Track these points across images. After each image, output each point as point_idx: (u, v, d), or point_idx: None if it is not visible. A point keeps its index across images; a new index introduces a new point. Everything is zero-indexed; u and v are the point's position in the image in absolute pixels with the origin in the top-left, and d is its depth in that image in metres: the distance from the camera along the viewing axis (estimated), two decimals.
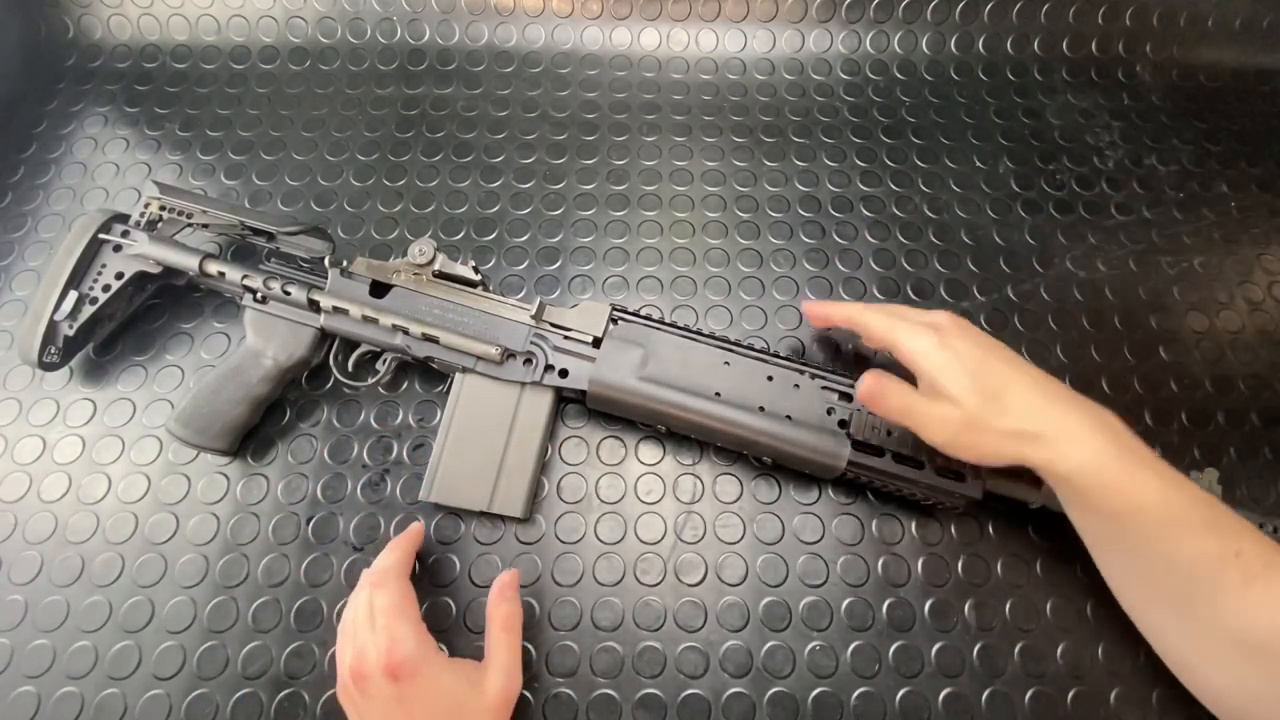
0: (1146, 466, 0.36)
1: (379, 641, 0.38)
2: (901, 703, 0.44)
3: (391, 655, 0.37)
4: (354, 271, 0.49)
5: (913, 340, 0.41)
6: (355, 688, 0.38)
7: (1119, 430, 0.38)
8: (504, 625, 0.42)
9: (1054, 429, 0.37)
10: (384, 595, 0.40)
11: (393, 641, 0.38)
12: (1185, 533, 0.35)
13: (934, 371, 0.40)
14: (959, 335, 0.41)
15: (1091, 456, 0.36)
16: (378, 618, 0.39)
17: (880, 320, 0.43)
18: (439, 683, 0.38)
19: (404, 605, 0.40)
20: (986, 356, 0.40)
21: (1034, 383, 0.39)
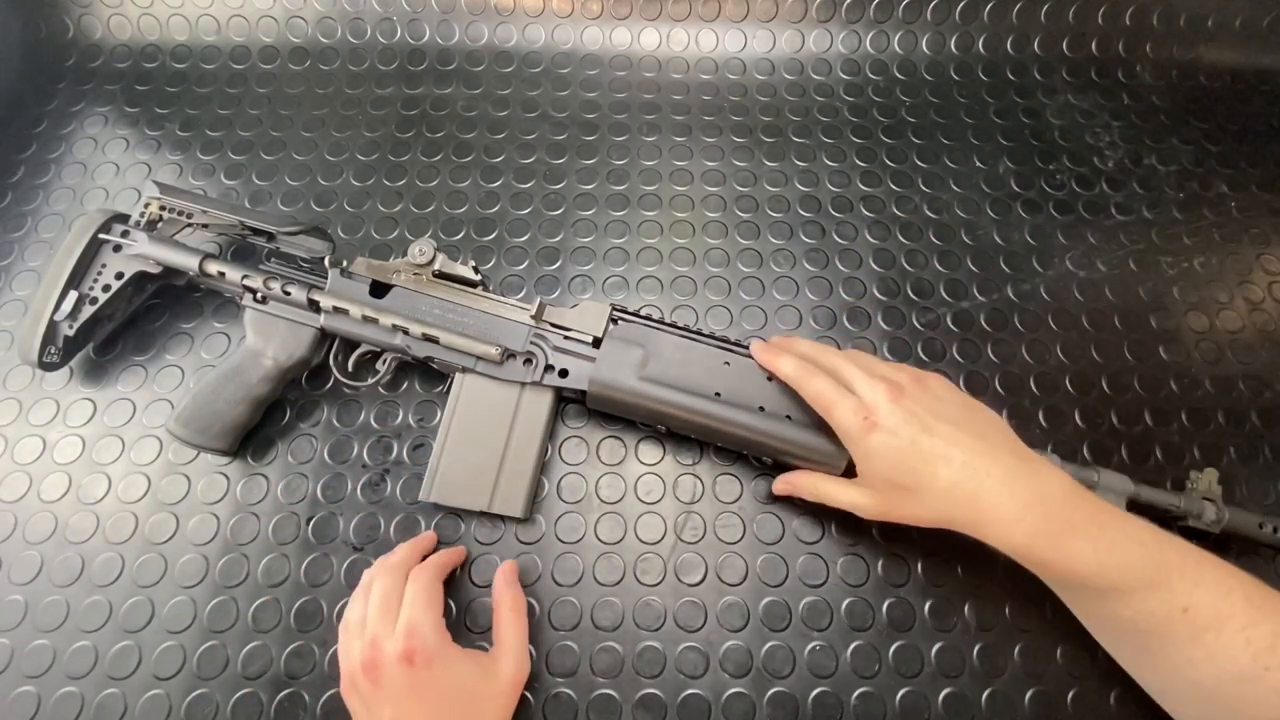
0: (1079, 535, 0.36)
1: (398, 629, 0.39)
2: (901, 703, 0.44)
3: (410, 642, 0.38)
4: (354, 271, 0.49)
5: (844, 418, 0.40)
6: (366, 678, 0.38)
7: (1053, 500, 0.37)
8: (512, 608, 0.43)
9: (976, 517, 0.37)
10: (418, 584, 0.41)
11: (412, 628, 0.39)
12: (1126, 597, 0.35)
13: (855, 457, 0.41)
14: (894, 412, 0.39)
15: (1021, 539, 0.37)
16: (405, 604, 0.40)
17: (817, 387, 0.42)
18: (453, 670, 0.39)
19: (431, 597, 0.41)
20: (918, 437, 0.38)
21: (964, 461, 0.37)
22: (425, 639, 0.39)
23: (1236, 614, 0.34)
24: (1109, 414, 0.52)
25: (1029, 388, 0.53)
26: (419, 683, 0.38)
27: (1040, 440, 0.51)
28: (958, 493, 0.37)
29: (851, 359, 0.44)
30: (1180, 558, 0.35)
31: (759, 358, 0.46)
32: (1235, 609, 0.34)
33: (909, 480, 0.38)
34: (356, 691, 0.39)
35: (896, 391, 0.40)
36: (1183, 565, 0.35)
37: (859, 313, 0.56)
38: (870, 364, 0.43)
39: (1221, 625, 0.34)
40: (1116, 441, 0.52)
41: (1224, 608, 0.34)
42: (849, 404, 0.41)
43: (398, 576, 0.42)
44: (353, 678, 0.39)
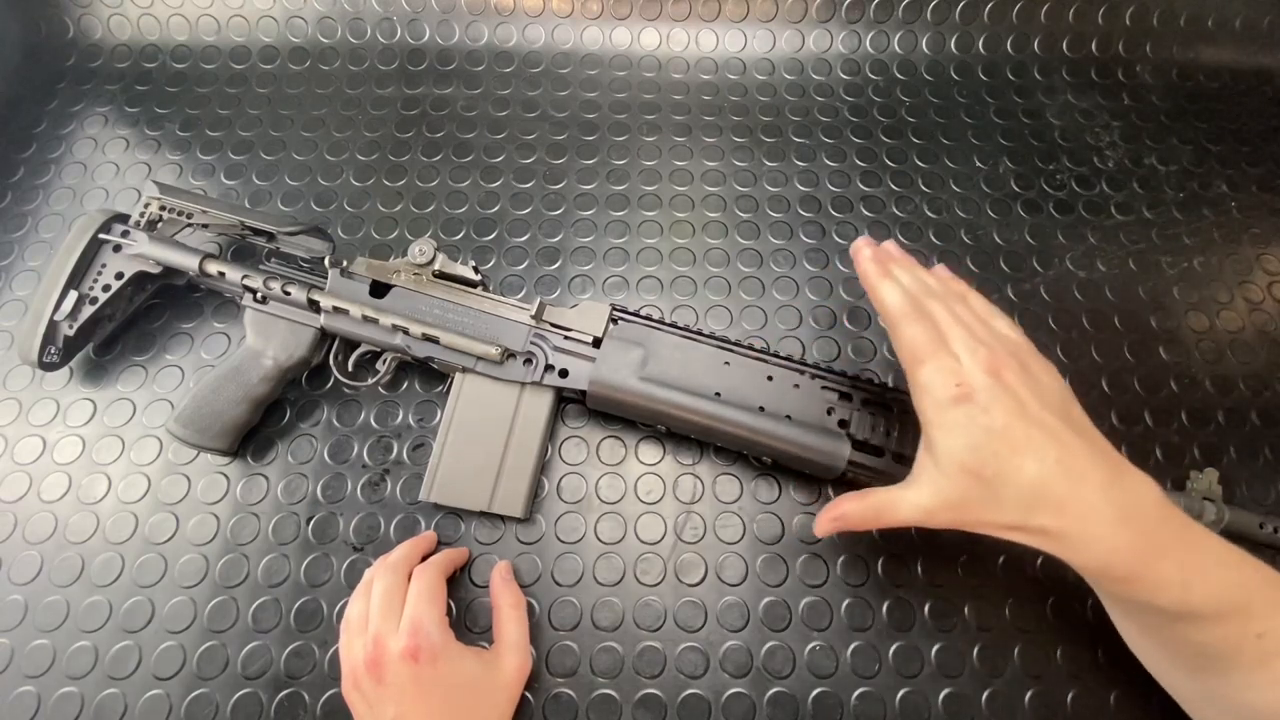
0: (1170, 555, 0.32)
1: (402, 626, 0.39)
2: (901, 703, 0.44)
3: (415, 639, 0.38)
4: (354, 271, 0.49)
5: (929, 378, 0.35)
6: (370, 676, 0.38)
7: (1146, 515, 0.33)
8: (512, 604, 0.43)
9: (1060, 525, 0.32)
10: (421, 581, 0.41)
11: (417, 625, 0.39)
12: (1202, 623, 0.33)
13: (929, 428, 0.35)
14: (990, 386, 0.34)
15: (1105, 554, 0.32)
16: (409, 602, 0.40)
17: (911, 334, 0.36)
18: (457, 666, 0.39)
19: (435, 595, 0.41)
20: (1013, 422, 0.33)
21: (1059, 459, 0.32)
22: (430, 636, 0.39)
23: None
24: (1109, 414, 0.52)
25: None
26: (423, 680, 0.38)
27: None
28: (1044, 493, 0.32)
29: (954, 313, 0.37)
30: (1261, 580, 0.33)
31: (863, 269, 0.40)
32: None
33: (989, 469, 0.33)
34: (359, 689, 0.39)
35: (998, 363, 0.34)
36: (1262, 589, 0.33)
37: (859, 313, 0.56)
38: (974, 325, 0.37)
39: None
40: (1116, 441, 0.50)
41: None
42: (944, 363, 0.35)
43: (399, 574, 0.42)
44: (355, 676, 0.39)
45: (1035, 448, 0.32)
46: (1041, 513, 0.32)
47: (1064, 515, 0.32)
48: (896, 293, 0.38)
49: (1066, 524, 0.32)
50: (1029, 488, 0.32)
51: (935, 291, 0.39)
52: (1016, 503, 0.33)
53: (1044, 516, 0.32)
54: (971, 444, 0.33)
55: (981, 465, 0.33)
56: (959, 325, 0.36)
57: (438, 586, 0.42)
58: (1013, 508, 0.33)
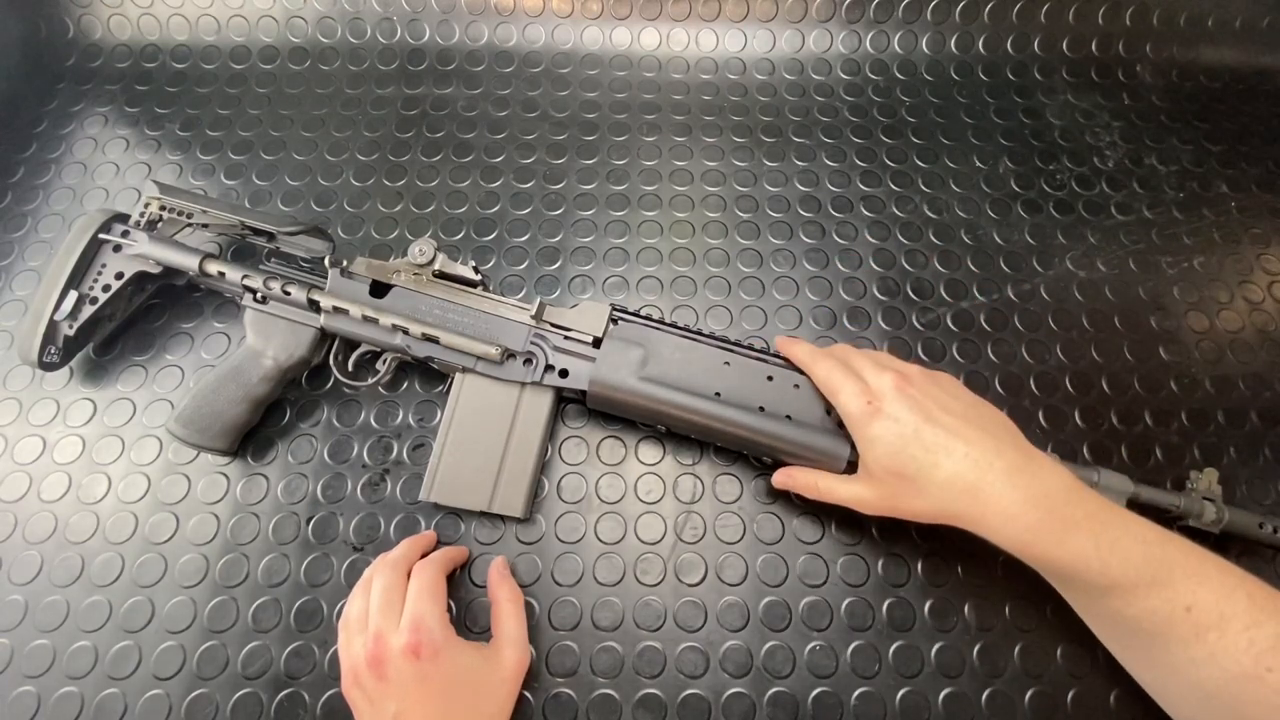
0: (1081, 531, 0.36)
1: (403, 623, 0.39)
2: (901, 703, 0.44)
3: (416, 635, 0.38)
4: (354, 271, 0.49)
5: (848, 401, 0.41)
6: (371, 673, 0.38)
7: (1055, 495, 0.37)
8: (510, 599, 0.44)
9: (976, 510, 0.37)
10: (422, 578, 0.41)
11: (418, 621, 0.39)
12: (1128, 595, 0.35)
13: (858, 442, 0.41)
14: (899, 399, 0.40)
15: (1022, 534, 0.36)
16: (409, 598, 0.40)
17: (826, 370, 0.43)
18: (458, 662, 0.39)
19: (436, 591, 0.41)
20: (921, 427, 0.38)
21: (966, 453, 0.37)
22: (431, 632, 0.39)
23: (1239, 614, 0.33)
24: (1109, 414, 0.52)
25: (1029, 388, 0.53)
26: (425, 675, 0.38)
27: (1040, 440, 0.51)
28: (959, 484, 0.37)
29: (863, 352, 0.44)
30: (1183, 556, 0.35)
31: (780, 344, 0.47)
32: (1238, 609, 0.34)
33: (910, 469, 0.38)
34: (360, 686, 0.39)
35: (903, 380, 0.40)
36: (1185, 564, 0.35)
37: (859, 313, 0.56)
38: (880, 358, 0.44)
39: (1224, 625, 0.33)
40: (1116, 441, 0.52)
41: (1227, 608, 0.34)
42: (854, 387, 0.41)
43: (399, 572, 0.42)
44: (356, 673, 0.39)
45: (944, 446, 0.38)
46: (959, 500, 0.38)
47: (978, 501, 0.37)
48: (805, 348, 0.46)
49: (982, 508, 0.37)
50: (944, 481, 0.38)
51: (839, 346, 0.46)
52: (936, 494, 0.38)
53: (961, 504, 0.38)
54: (890, 451, 0.39)
55: (902, 467, 0.39)
56: (863, 358, 0.43)
57: (438, 583, 0.42)
58: (934, 498, 0.38)
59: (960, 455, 0.37)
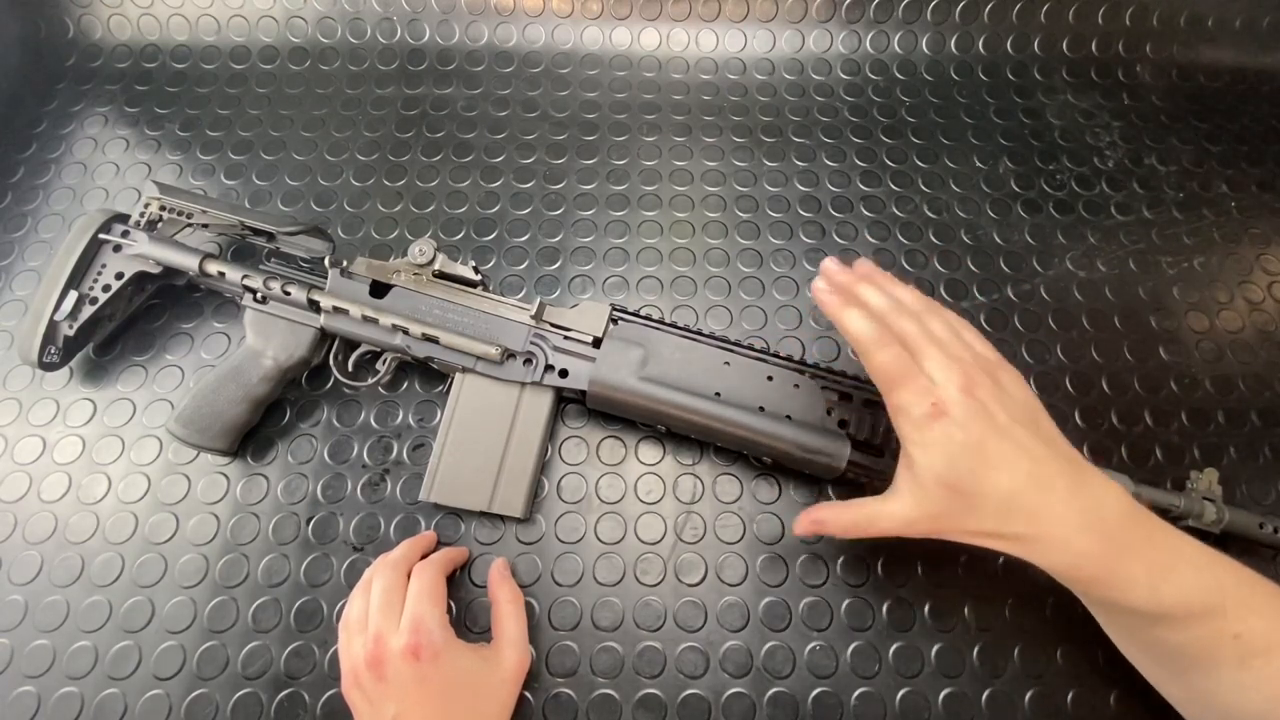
0: (1135, 558, 0.34)
1: (404, 624, 0.39)
2: (901, 703, 0.44)
3: (416, 636, 0.38)
4: (354, 271, 0.49)
5: (907, 399, 0.36)
6: (371, 673, 0.38)
7: (1112, 520, 0.34)
8: (510, 599, 0.44)
9: (1032, 531, 0.34)
10: (422, 579, 0.41)
11: (418, 622, 0.39)
12: (1176, 624, 0.34)
13: (908, 446, 0.36)
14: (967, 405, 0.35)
15: (1073, 559, 0.34)
16: (409, 599, 0.40)
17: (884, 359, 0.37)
18: (458, 664, 0.39)
19: (435, 592, 0.41)
20: (987, 438, 0.34)
21: (1030, 471, 0.34)
22: (431, 634, 0.39)
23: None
24: (1109, 414, 0.52)
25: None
26: (424, 677, 0.38)
27: None
28: (1017, 504, 0.34)
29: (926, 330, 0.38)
30: (1234, 581, 0.34)
31: (824, 302, 0.39)
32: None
33: (966, 483, 0.34)
34: (359, 688, 0.39)
35: (971, 380, 0.36)
36: (1237, 590, 0.34)
37: None
38: (945, 337, 0.38)
39: (1271, 652, 0.32)
40: (1116, 441, 0.52)
41: (1274, 635, 0.33)
42: (918, 385, 0.36)
43: (399, 573, 0.42)
44: (356, 674, 0.39)
45: (1008, 462, 0.34)
46: (1014, 521, 0.34)
47: (1034, 523, 0.34)
48: (862, 320, 0.38)
49: (1037, 531, 0.34)
50: (1003, 499, 0.34)
51: (906, 307, 0.39)
52: (992, 512, 0.35)
53: (1017, 525, 0.34)
54: (949, 460, 0.35)
55: (959, 480, 0.35)
56: (931, 344, 0.37)
57: (438, 584, 0.42)
58: (988, 517, 0.35)
59: (1024, 473, 0.34)
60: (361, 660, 0.39)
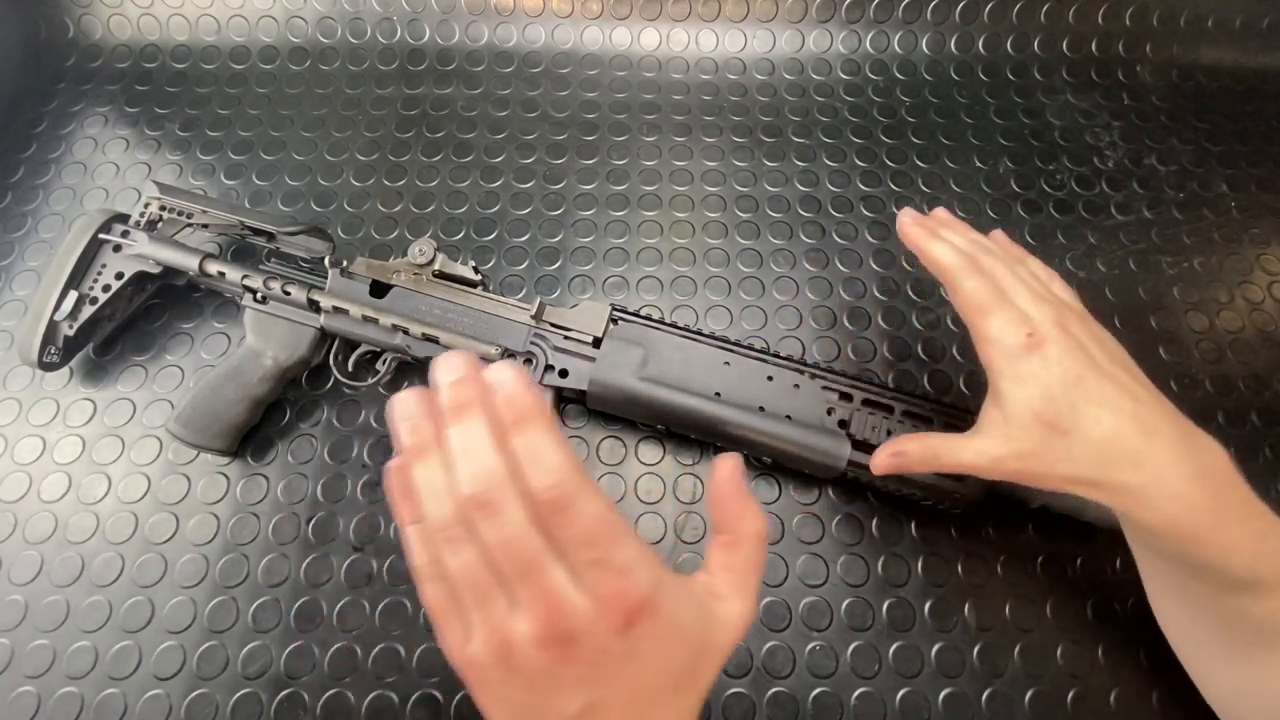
0: (1241, 519, 0.32)
1: (585, 560, 0.23)
2: (901, 703, 0.44)
3: (630, 594, 0.23)
4: (354, 271, 0.49)
5: (1002, 330, 0.34)
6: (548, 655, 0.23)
7: (1219, 475, 0.32)
8: (753, 533, 0.30)
9: (1137, 480, 0.31)
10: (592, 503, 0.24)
11: (624, 574, 0.24)
12: (1264, 593, 0.32)
13: (1001, 380, 0.34)
14: (1063, 337, 0.33)
15: (1180, 513, 0.31)
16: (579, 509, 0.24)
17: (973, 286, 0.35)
18: (679, 619, 0.25)
19: (614, 511, 0.25)
20: (1086, 373, 0.32)
21: (1134, 411, 0.32)
22: (635, 572, 0.24)
23: None
24: None
25: None
26: (636, 651, 0.24)
27: None
28: (1119, 445, 0.32)
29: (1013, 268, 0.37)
30: None
31: (908, 234, 0.39)
32: None
33: (1065, 419, 0.32)
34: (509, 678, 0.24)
35: (1064, 318, 0.34)
36: None
37: (859, 313, 0.56)
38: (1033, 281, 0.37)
39: None
40: None
41: None
42: (1011, 314, 0.34)
43: (586, 486, 0.24)
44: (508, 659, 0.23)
45: (1110, 400, 0.32)
46: (1118, 468, 0.32)
47: (1140, 470, 0.31)
48: (949, 250, 0.37)
49: (1143, 479, 0.31)
50: (1104, 441, 0.32)
51: (993, 250, 0.38)
52: (1092, 455, 0.32)
53: (1122, 472, 0.32)
54: (1046, 394, 0.32)
55: (1058, 416, 0.32)
56: (1020, 282, 0.36)
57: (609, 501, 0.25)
58: (1087, 461, 0.32)
59: (1128, 413, 0.32)
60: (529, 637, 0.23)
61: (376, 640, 0.45)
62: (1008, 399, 0.34)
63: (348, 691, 0.43)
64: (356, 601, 0.46)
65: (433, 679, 0.44)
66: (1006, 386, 0.34)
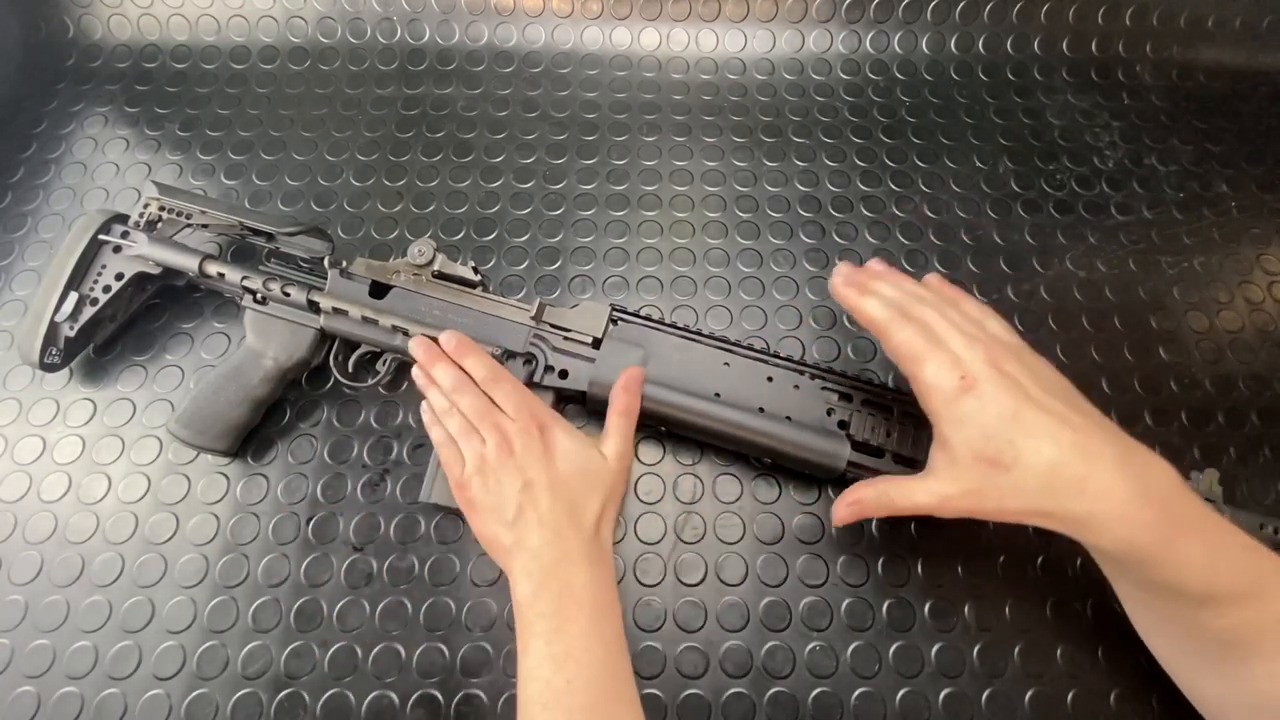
0: (1192, 535, 0.32)
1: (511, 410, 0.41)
2: (901, 703, 0.44)
3: (532, 410, 0.41)
4: (354, 272, 0.49)
5: (935, 375, 0.35)
6: (499, 454, 0.40)
7: (1166, 493, 0.33)
8: (622, 411, 0.44)
9: (1083, 507, 0.32)
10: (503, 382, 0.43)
11: (528, 403, 0.42)
12: (1223, 606, 0.32)
13: (941, 424, 0.36)
14: (995, 376, 0.34)
15: (1129, 534, 0.32)
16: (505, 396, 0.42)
17: (905, 336, 0.37)
18: (572, 435, 0.42)
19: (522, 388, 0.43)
20: (1022, 408, 0.33)
21: (1073, 440, 0.33)
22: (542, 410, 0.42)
23: None
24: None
25: None
26: (548, 446, 0.40)
27: None
28: (1063, 474, 0.32)
29: (946, 314, 0.38)
30: (1274, 564, 0.33)
31: (840, 294, 0.40)
32: None
33: (1006, 455, 0.33)
34: (483, 481, 0.40)
35: (997, 355, 0.35)
36: (1276, 573, 0.32)
37: None
38: (965, 322, 0.38)
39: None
40: None
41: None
42: (943, 358, 0.35)
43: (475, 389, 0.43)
44: (482, 466, 0.40)
45: (1048, 431, 0.33)
46: (1064, 496, 0.33)
47: (1084, 496, 0.32)
48: (878, 304, 0.39)
49: (1089, 505, 0.32)
50: (1046, 471, 0.33)
51: (925, 298, 0.39)
52: (1037, 488, 0.33)
53: (1068, 500, 0.32)
54: (984, 433, 0.34)
55: (998, 453, 0.33)
56: (952, 327, 0.37)
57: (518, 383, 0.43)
58: (1034, 493, 0.33)
59: (1067, 442, 0.32)
60: (491, 446, 0.40)
61: (376, 640, 0.45)
62: (950, 441, 0.35)
63: (348, 691, 0.43)
64: (356, 601, 0.46)
65: (432, 679, 0.44)
66: (947, 430, 0.35)
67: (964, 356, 0.35)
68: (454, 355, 0.44)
